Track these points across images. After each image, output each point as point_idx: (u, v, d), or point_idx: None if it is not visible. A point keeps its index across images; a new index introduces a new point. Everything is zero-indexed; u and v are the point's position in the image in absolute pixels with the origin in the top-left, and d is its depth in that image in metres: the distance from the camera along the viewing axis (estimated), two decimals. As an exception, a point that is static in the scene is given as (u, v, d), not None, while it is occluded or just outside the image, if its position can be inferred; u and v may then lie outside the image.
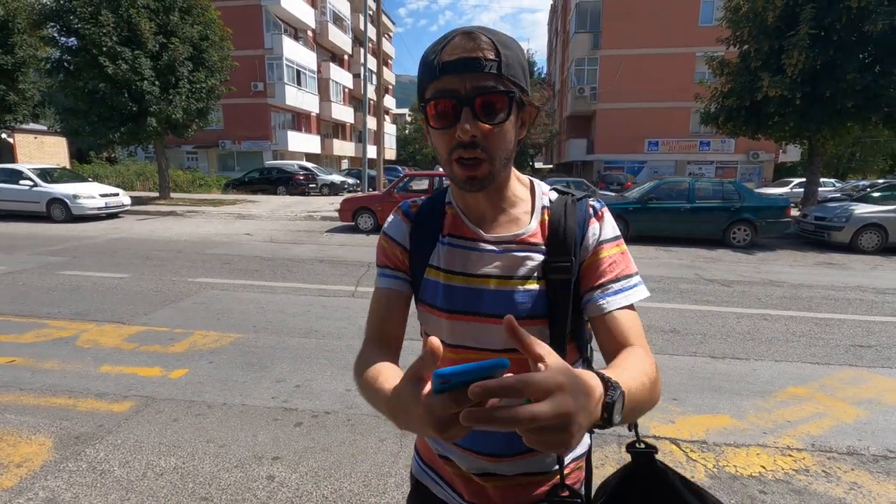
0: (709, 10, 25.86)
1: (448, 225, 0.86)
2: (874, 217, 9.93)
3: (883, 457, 2.72)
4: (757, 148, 26.30)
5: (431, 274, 0.84)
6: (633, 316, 0.78)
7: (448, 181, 0.86)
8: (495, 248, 0.82)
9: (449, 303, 0.82)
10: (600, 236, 0.82)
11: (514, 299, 0.79)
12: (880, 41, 10.87)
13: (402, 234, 0.88)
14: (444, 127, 0.73)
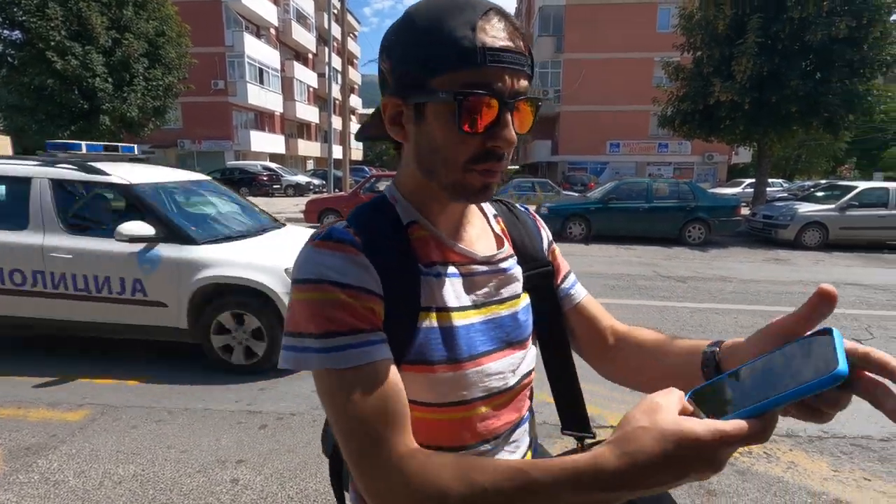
0: (666, 16, 26.82)
1: (423, 249, 0.65)
2: (816, 215, 10.57)
3: (818, 437, 2.94)
4: (711, 150, 27.47)
5: (427, 319, 0.63)
6: (590, 295, 0.84)
7: (392, 190, 0.69)
8: (487, 268, 0.70)
9: (467, 347, 0.64)
10: (550, 237, 0.85)
11: (520, 319, 0.72)
12: (819, 51, 11.59)
13: (368, 277, 0.59)
14: (474, 130, 0.58)
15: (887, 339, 4.69)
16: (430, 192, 0.66)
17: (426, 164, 0.63)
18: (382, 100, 0.64)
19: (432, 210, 0.68)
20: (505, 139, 0.59)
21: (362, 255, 0.59)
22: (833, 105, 11.60)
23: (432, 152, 0.61)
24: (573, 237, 10.93)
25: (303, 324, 0.56)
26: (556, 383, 0.85)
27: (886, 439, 2.92)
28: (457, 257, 0.68)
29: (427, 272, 0.64)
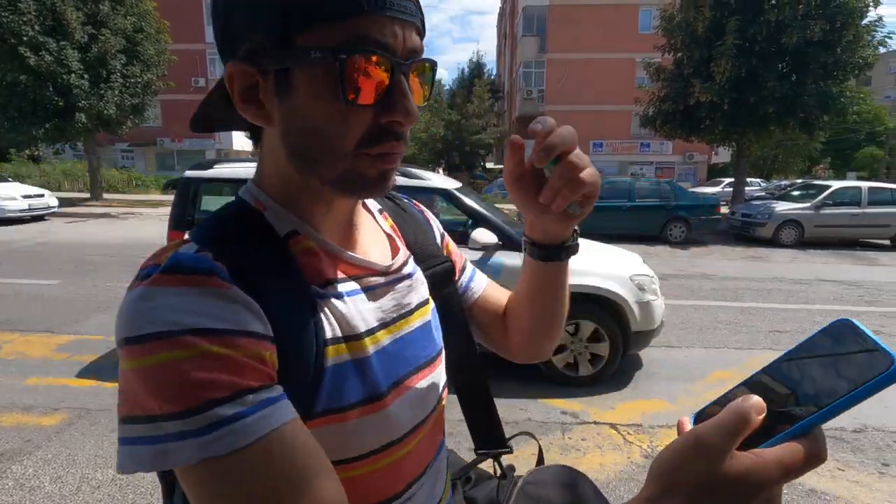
0: (647, 18, 27.17)
1: (312, 266, 0.51)
2: (792, 214, 10.83)
3: (794, 430, 3.01)
4: (692, 150, 27.93)
5: (336, 355, 0.49)
6: (491, 282, 0.77)
7: (254, 192, 0.53)
8: (390, 278, 0.57)
9: (385, 378, 0.52)
10: (441, 228, 0.74)
11: (432, 329, 0.61)
12: (795, 53, 11.89)
13: (248, 315, 0.43)
14: (364, 102, 0.45)
15: (860, 333, 4.83)
16: (309, 190, 0.51)
17: (301, 153, 0.48)
18: (226, 69, 0.48)
19: (314, 213, 0.52)
20: (404, 111, 0.46)
21: (233, 287, 0.42)
22: (808, 106, 11.91)
23: (309, 135, 0.47)
24: (557, 236, 11.02)
25: (153, 402, 0.37)
26: (466, 395, 0.74)
27: (859, 430, 3.01)
28: (354, 270, 0.54)
29: (324, 294, 0.50)
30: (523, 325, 0.70)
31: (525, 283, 0.67)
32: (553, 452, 2.71)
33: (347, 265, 0.54)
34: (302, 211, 0.52)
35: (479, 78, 32.65)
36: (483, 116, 28.23)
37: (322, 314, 0.48)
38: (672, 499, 0.34)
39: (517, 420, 3.04)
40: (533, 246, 0.63)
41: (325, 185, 0.49)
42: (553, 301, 0.67)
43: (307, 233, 0.52)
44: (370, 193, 0.51)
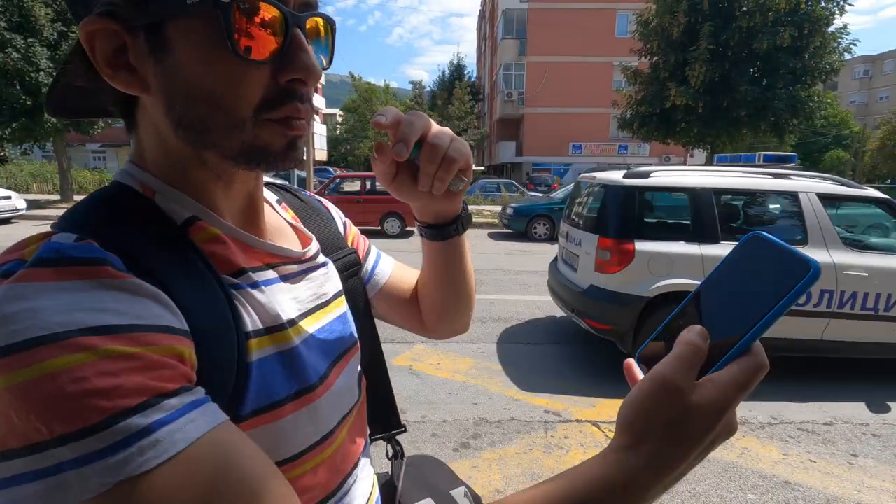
0: (624, 22, 27.64)
1: (220, 254, 0.44)
2: (765, 214, 11.16)
3: (768, 423, 3.10)
4: (668, 152, 28.49)
5: (259, 348, 0.43)
6: (399, 264, 0.76)
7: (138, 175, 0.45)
8: (305, 266, 0.54)
9: (314, 369, 0.48)
10: (343, 215, 0.73)
11: (348, 319, 0.59)
12: (766, 58, 12.27)
13: (157, 308, 0.36)
14: (259, 57, 0.39)
15: (829, 329, 4.99)
16: (205, 168, 0.45)
17: (193, 123, 0.41)
18: (82, 29, 0.39)
19: (213, 195, 0.46)
20: (306, 67, 0.41)
21: (132, 277, 0.35)
22: (779, 110, 12.30)
23: (199, 102, 0.40)
24: (538, 236, 11.12)
25: (36, 425, 0.28)
26: (370, 385, 0.69)
27: (829, 423, 3.12)
28: (268, 257, 0.49)
29: (238, 284, 0.44)
30: (436, 305, 0.71)
31: (429, 266, 0.68)
32: (537, 451, 2.74)
33: (260, 253, 0.49)
34: (199, 193, 0.46)
35: (460, 80, 32.78)
36: (464, 118, 28.38)
37: (240, 305, 0.43)
38: (650, 441, 0.36)
39: (500, 420, 3.06)
40: (428, 229, 0.63)
41: (226, 160, 0.43)
42: (461, 276, 0.68)
43: (210, 219, 0.45)
44: (278, 165, 0.44)
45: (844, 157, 40.20)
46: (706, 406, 0.35)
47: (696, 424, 0.35)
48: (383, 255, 0.75)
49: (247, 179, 0.49)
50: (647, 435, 0.36)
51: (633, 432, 0.37)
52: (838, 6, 12.33)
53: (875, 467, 2.67)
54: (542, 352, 4.19)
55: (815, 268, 0.34)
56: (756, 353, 0.36)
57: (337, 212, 0.72)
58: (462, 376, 3.66)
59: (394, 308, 0.72)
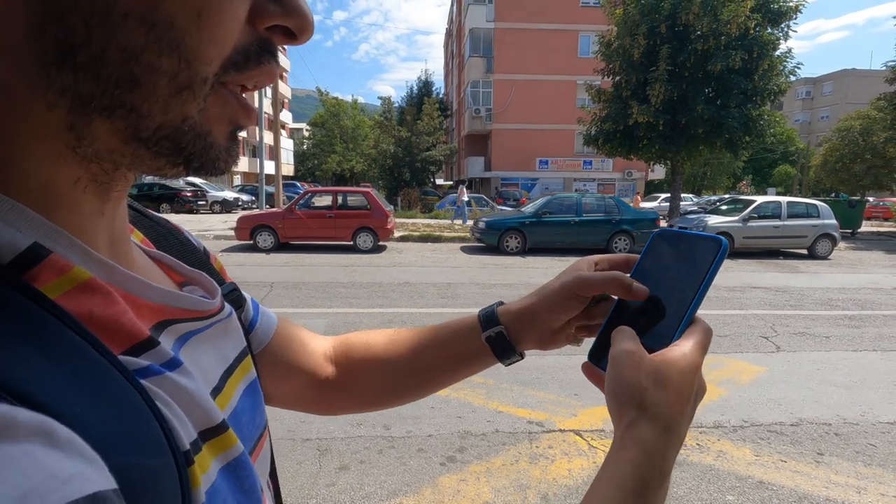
0: (587, 43, 28.71)
1: (105, 319, 0.25)
2: (723, 226, 11.67)
3: (741, 426, 3.23)
4: (631, 167, 29.55)
5: (203, 472, 0.27)
6: (285, 318, 0.56)
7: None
8: (203, 324, 0.35)
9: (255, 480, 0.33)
10: (202, 244, 0.50)
11: (258, 390, 0.42)
12: (720, 79, 12.99)
13: (63, 459, 0.18)
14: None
15: (789, 335, 5.26)
16: (72, 156, 0.25)
17: (97, 62, 0.22)
18: None
19: (77, 206, 0.27)
20: (299, 9, 0.28)
21: (20, 414, 0.18)
22: (732, 128, 13.00)
23: (131, 26, 0.22)
24: (510, 250, 11.27)
25: None
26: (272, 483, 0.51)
27: (795, 424, 3.28)
28: (163, 313, 0.31)
29: (150, 368, 0.26)
30: (405, 392, 0.57)
31: (456, 368, 0.54)
32: (523, 461, 2.76)
33: (154, 308, 0.30)
34: (48, 201, 0.25)
35: (428, 96, 33.19)
36: (433, 134, 28.64)
37: (164, 407, 0.25)
38: (648, 405, 0.36)
39: (485, 432, 3.07)
40: (500, 334, 0.51)
41: (138, 144, 0.26)
42: (446, 385, 0.57)
43: (72, 249, 0.26)
44: (217, 165, 0.29)
45: (792, 172, 42.63)
46: (681, 360, 0.38)
47: (678, 377, 0.37)
48: (260, 304, 0.53)
49: (130, 184, 0.30)
50: (645, 398, 0.36)
51: (629, 404, 0.37)
52: (783, 32, 13.22)
53: (839, 464, 2.82)
54: (523, 363, 4.22)
55: (725, 243, 0.41)
56: (699, 320, 0.41)
57: (189, 233, 0.48)
58: (445, 390, 3.64)
59: (277, 373, 0.51)
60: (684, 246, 0.44)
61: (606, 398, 0.39)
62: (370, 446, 2.86)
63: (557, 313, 0.49)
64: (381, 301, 6.37)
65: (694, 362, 0.38)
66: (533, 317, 0.50)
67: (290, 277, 7.70)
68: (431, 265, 9.33)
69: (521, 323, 0.51)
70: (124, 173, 0.28)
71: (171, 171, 0.28)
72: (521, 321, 0.51)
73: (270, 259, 9.60)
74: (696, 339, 0.39)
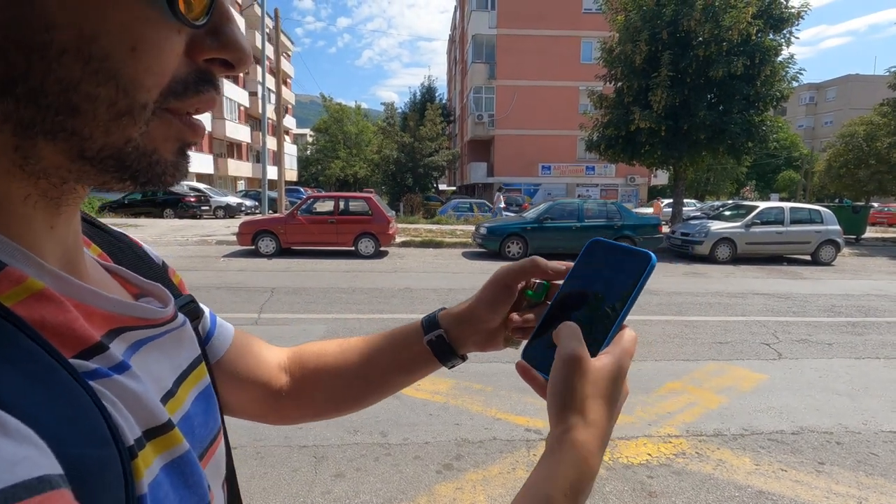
0: (589, 49, 28.77)
1: (57, 327, 0.27)
2: (726, 232, 11.64)
3: (740, 435, 3.20)
4: (633, 173, 29.51)
5: (146, 466, 0.29)
6: (241, 331, 0.57)
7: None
8: (155, 332, 0.37)
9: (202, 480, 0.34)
10: (160, 256, 0.52)
11: (212, 395, 0.43)
12: (721, 85, 12.98)
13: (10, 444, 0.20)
14: (194, 16, 0.28)
15: (791, 342, 5.23)
16: (20, 174, 0.28)
17: (37, 90, 0.25)
18: None
19: (27, 221, 0.29)
20: (236, 45, 0.30)
21: None
22: (735, 133, 12.98)
23: (70, 58, 0.25)
24: (512, 256, 11.25)
25: None
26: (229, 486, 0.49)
27: (796, 433, 3.25)
28: (114, 321, 0.33)
29: (98, 370, 0.29)
30: (359, 398, 0.59)
31: (403, 373, 0.58)
32: (520, 469, 2.75)
33: (105, 315, 0.33)
34: (3, 213, 0.28)
35: (431, 102, 33.26)
36: (435, 139, 28.71)
37: (110, 406, 0.27)
38: (589, 410, 0.39)
39: (482, 440, 3.06)
40: (441, 337, 0.55)
41: (82, 163, 0.28)
42: (396, 389, 0.60)
43: (26, 261, 0.28)
44: (164, 179, 0.31)
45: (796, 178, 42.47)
46: (614, 369, 0.41)
47: (611, 386, 0.41)
48: (218, 316, 0.55)
49: (81, 199, 0.32)
50: (585, 406, 0.39)
51: (572, 409, 0.39)
52: (785, 38, 13.22)
53: (840, 474, 2.78)
54: (521, 370, 4.22)
55: (654, 258, 0.44)
56: (627, 328, 0.44)
57: (149, 248, 0.51)
58: (443, 397, 3.65)
59: (233, 383, 0.53)
60: (617, 257, 0.46)
61: (549, 398, 0.41)
62: (366, 453, 2.85)
63: (492, 309, 0.52)
64: (382, 307, 6.37)
65: (622, 370, 0.42)
66: (471, 318, 0.54)
67: (291, 283, 7.71)
68: (433, 271, 9.33)
69: (460, 325, 0.54)
70: (73, 187, 0.30)
71: (117, 186, 0.30)
72: (459, 324, 0.54)
73: (272, 264, 9.62)
74: (623, 346, 0.43)
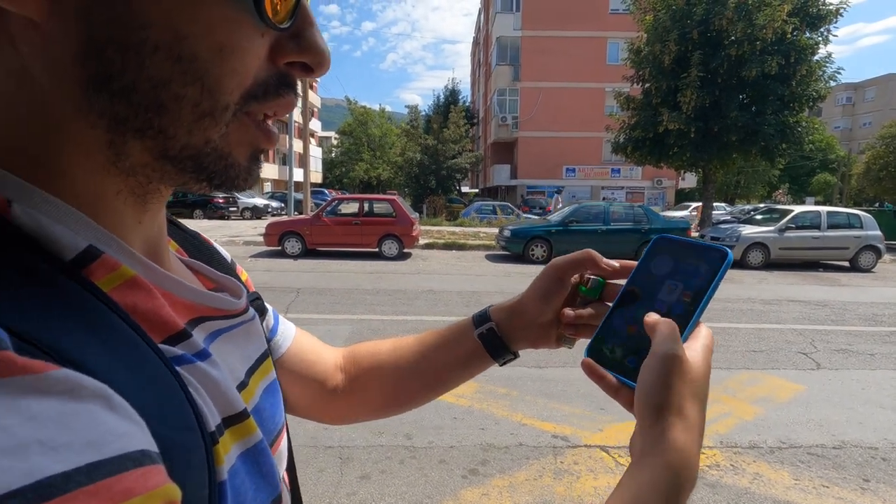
0: (615, 50, 28.39)
1: (146, 313, 0.28)
2: (758, 237, 11.28)
3: (777, 448, 3.08)
4: (660, 175, 28.93)
5: (226, 454, 0.30)
6: (301, 330, 0.58)
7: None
8: (239, 319, 0.39)
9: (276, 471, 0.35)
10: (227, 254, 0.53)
11: (278, 390, 0.44)
12: (754, 85, 12.61)
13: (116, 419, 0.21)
14: (279, 19, 0.29)
15: (830, 351, 5.01)
16: (112, 168, 0.29)
17: (130, 88, 0.26)
18: None
19: (119, 212, 0.31)
20: (317, 49, 0.31)
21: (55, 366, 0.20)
22: (768, 135, 12.58)
23: (162, 58, 0.26)
24: (536, 259, 11.15)
25: None
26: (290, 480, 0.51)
27: (838, 447, 3.10)
28: (195, 311, 0.34)
29: (183, 356, 0.29)
30: (386, 390, 0.58)
31: (458, 371, 0.57)
32: (547, 477, 2.69)
33: (188, 305, 0.34)
34: (97, 207, 0.29)
35: (455, 104, 33.31)
36: (459, 142, 28.71)
37: (194, 392, 0.28)
38: (685, 409, 0.37)
39: (508, 445, 3.01)
40: (492, 330, 0.54)
41: (164, 162, 0.29)
42: (449, 388, 0.58)
43: (119, 251, 0.29)
44: (237, 183, 0.32)
45: (832, 181, 40.98)
46: (706, 368, 0.40)
47: (705, 385, 0.39)
48: (280, 315, 0.56)
49: (164, 198, 0.34)
50: (684, 406, 0.37)
51: (670, 409, 0.37)
52: (822, 36, 12.77)
53: (888, 492, 2.64)
54: (547, 375, 4.16)
55: (730, 254, 0.42)
56: (703, 325, 0.42)
57: (218, 246, 0.52)
58: (467, 400, 3.62)
59: (292, 380, 0.53)
60: (689, 253, 0.44)
61: (641, 397, 0.39)
62: (391, 455, 2.84)
63: (544, 302, 0.51)
64: (405, 308, 6.37)
65: (708, 369, 0.40)
66: (522, 310, 0.53)
67: (316, 283, 7.80)
68: (456, 273, 9.31)
69: (511, 319, 0.53)
70: (157, 187, 0.32)
71: (195, 187, 0.31)
72: (510, 317, 0.53)
73: (297, 265, 9.75)
74: (706, 344, 0.41)
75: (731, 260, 0.42)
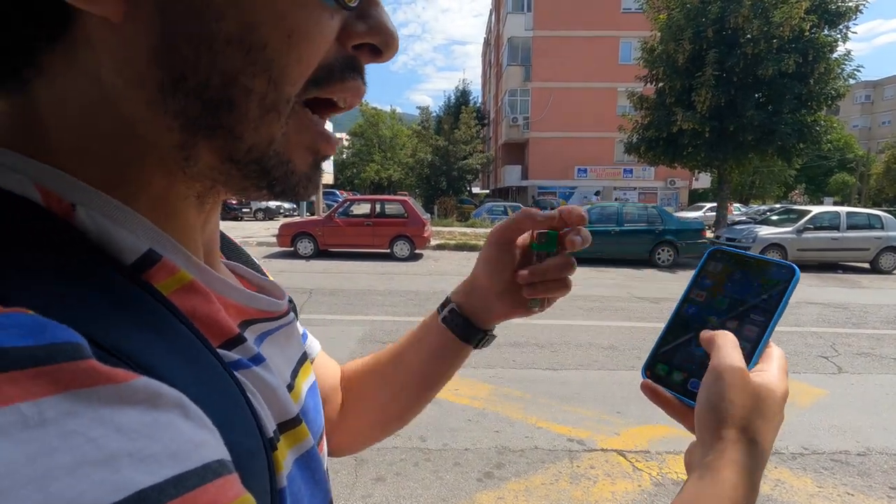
0: (627, 49, 28.15)
1: (204, 318, 0.28)
2: (775, 238, 11.10)
3: (800, 454, 3.01)
4: (674, 175, 28.62)
5: (284, 459, 0.30)
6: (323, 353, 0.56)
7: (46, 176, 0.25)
8: (274, 325, 0.38)
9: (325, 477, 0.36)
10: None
11: (318, 394, 0.44)
12: (771, 84, 12.38)
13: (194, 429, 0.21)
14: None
15: (851, 355, 4.90)
16: (179, 172, 0.28)
17: (203, 85, 0.25)
18: None
19: (182, 216, 0.30)
20: (386, 29, 0.29)
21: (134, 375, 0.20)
22: (785, 134, 12.35)
23: (233, 50, 0.24)
24: (547, 260, 11.09)
25: None
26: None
27: (863, 454, 3.02)
28: (245, 314, 0.34)
29: (240, 361, 0.29)
30: (376, 405, 0.56)
31: (434, 368, 0.54)
32: (563, 481, 2.66)
33: (238, 306, 0.33)
34: (158, 211, 0.28)
35: (466, 105, 33.31)
36: (469, 142, 28.69)
37: (252, 398, 0.28)
38: (752, 426, 0.37)
39: (523, 448, 2.98)
40: (453, 311, 0.52)
41: (230, 164, 0.27)
42: (435, 386, 0.55)
43: (178, 255, 0.28)
44: (298, 191, 0.30)
45: (850, 180, 40.22)
46: (776, 385, 0.38)
47: (778, 406, 0.38)
48: (307, 330, 0.55)
49: (221, 200, 0.33)
50: (748, 423, 0.36)
51: (732, 425, 0.36)
52: (841, 33, 12.52)
53: (916, 501, 2.57)
54: (562, 378, 4.12)
55: (798, 270, 0.40)
56: (775, 346, 0.41)
57: (248, 249, 0.51)
58: (481, 402, 3.59)
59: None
60: (751, 268, 0.42)
61: (702, 412, 0.38)
62: (406, 458, 2.83)
63: (494, 272, 0.50)
64: (417, 309, 6.37)
65: (786, 391, 0.39)
66: (477, 285, 0.52)
67: (328, 284, 7.82)
68: (467, 273, 9.15)
69: (470, 296, 0.52)
70: (219, 190, 0.31)
71: (255, 194, 0.30)
72: (469, 295, 0.52)
73: (310, 266, 9.80)
74: (782, 365, 0.39)
75: (798, 277, 0.40)
